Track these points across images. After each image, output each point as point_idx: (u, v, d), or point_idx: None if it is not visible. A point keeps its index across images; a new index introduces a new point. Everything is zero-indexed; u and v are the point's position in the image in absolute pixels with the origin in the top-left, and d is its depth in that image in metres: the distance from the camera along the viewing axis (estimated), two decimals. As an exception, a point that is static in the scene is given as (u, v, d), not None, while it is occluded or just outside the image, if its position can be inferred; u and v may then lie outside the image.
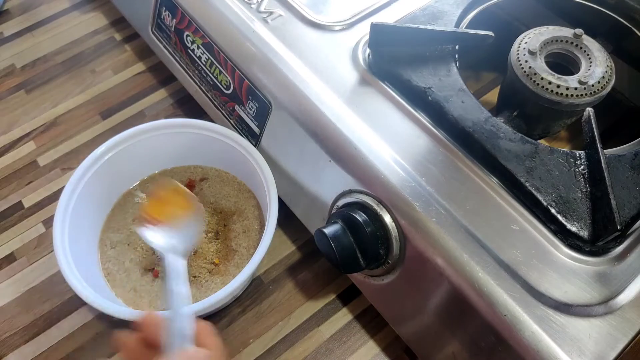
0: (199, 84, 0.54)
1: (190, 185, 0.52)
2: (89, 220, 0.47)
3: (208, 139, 0.50)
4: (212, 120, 0.52)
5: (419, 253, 0.37)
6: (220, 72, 0.50)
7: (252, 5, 0.49)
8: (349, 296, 0.48)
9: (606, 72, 0.41)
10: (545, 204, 0.36)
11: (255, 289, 0.48)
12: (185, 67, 0.55)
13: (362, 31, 0.47)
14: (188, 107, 0.61)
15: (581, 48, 0.42)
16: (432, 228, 0.36)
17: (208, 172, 0.53)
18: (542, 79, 0.40)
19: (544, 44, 0.42)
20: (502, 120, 0.41)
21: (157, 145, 0.50)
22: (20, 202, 0.54)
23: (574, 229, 0.35)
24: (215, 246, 0.48)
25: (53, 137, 0.59)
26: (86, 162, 0.47)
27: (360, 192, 0.40)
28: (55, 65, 0.65)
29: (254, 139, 0.49)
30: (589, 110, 0.40)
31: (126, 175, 0.51)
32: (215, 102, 0.53)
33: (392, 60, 0.43)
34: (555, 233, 0.36)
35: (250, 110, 0.48)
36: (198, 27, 0.51)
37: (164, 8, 0.55)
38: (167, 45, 0.57)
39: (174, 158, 0.52)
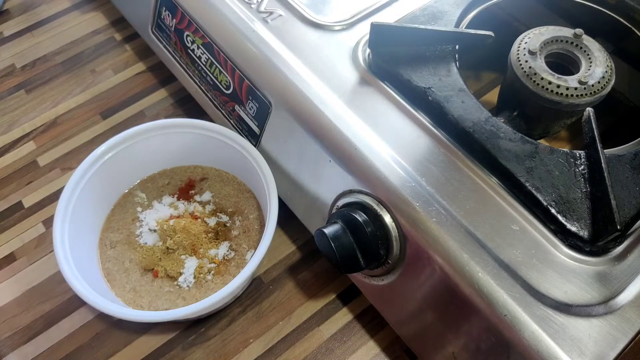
0: (199, 84, 0.54)
1: (190, 185, 0.52)
2: (89, 220, 0.47)
3: (208, 139, 0.50)
4: (212, 120, 0.52)
5: (419, 253, 0.37)
6: (220, 72, 0.50)
7: (252, 5, 0.49)
8: (349, 296, 0.48)
9: (606, 72, 0.41)
10: (545, 204, 0.36)
11: (256, 289, 0.48)
12: (185, 67, 0.55)
13: (362, 31, 0.47)
14: (188, 107, 0.61)
15: (581, 48, 0.42)
16: (432, 228, 0.36)
17: (208, 172, 0.53)
18: (542, 79, 0.40)
19: (544, 44, 0.42)
20: (502, 120, 0.41)
21: (157, 145, 0.50)
22: (20, 202, 0.54)
23: (574, 229, 0.35)
24: (215, 246, 0.48)
25: (53, 137, 0.59)
26: (86, 162, 0.47)
27: (360, 192, 0.40)
28: (55, 65, 0.65)
29: (254, 139, 0.49)
30: (589, 110, 0.40)
31: (126, 175, 0.51)
32: (215, 102, 0.53)
33: (392, 60, 0.43)
34: (555, 233, 0.36)
35: (250, 110, 0.48)
36: (198, 27, 0.51)
37: (164, 8, 0.55)
38: (167, 45, 0.57)
39: (174, 158, 0.52)
